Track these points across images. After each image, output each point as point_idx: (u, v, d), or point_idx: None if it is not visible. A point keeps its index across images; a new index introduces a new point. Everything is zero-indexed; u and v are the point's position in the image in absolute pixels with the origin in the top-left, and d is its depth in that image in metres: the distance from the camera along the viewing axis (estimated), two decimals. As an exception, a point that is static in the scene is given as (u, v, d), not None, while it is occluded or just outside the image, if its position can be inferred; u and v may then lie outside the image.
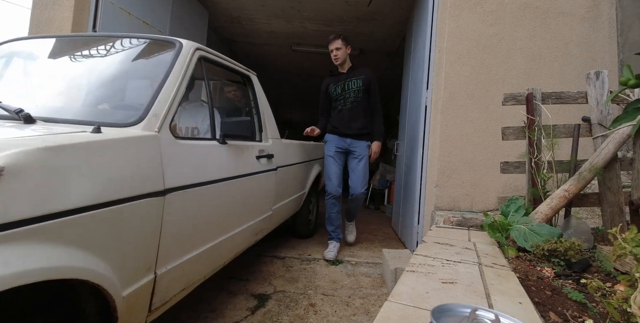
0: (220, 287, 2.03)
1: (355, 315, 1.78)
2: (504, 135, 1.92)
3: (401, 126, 3.73)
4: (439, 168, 2.41)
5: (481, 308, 0.59)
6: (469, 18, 2.45)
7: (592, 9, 2.45)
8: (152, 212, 1.04)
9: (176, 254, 1.20)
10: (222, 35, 5.49)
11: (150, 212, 1.03)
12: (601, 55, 2.42)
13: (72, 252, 0.78)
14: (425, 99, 2.67)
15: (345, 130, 2.75)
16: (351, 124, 2.73)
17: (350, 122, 2.73)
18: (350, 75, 2.73)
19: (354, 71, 2.75)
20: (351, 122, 2.73)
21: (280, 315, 1.74)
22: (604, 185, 1.65)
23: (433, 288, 0.96)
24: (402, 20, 4.21)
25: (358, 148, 2.76)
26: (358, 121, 2.73)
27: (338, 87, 2.76)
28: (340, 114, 2.78)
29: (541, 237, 1.42)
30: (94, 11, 2.92)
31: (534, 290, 1.03)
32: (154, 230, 1.06)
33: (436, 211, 2.32)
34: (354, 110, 2.73)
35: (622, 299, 0.83)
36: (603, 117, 1.71)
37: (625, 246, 0.89)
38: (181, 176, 1.20)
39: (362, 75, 2.72)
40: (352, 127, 2.73)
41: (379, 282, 2.25)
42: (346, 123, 2.74)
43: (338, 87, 2.76)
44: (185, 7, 3.94)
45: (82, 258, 0.80)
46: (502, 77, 2.42)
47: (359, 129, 2.74)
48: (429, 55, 2.64)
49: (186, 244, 1.26)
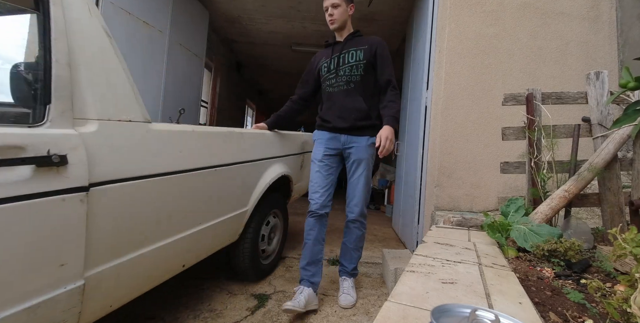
0: (220, 287, 2.03)
1: (355, 315, 1.78)
2: (504, 135, 1.92)
3: (401, 126, 3.73)
4: (439, 169, 2.41)
5: (481, 309, 0.59)
6: (469, 18, 2.45)
7: (592, 9, 2.45)
8: None
9: None
10: (222, 35, 5.49)
11: None
12: (601, 55, 2.43)
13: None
14: (425, 99, 2.67)
15: (337, 123, 1.88)
16: (346, 113, 1.87)
17: (344, 110, 1.87)
18: (348, 44, 1.91)
19: (355, 39, 1.93)
20: (346, 111, 1.87)
21: (280, 315, 1.74)
22: (603, 186, 1.65)
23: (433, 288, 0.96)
24: (402, 20, 4.21)
25: (355, 149, 1.88)
26: (356, 108, 1.86)
27: (331, 62, 1.91)
28: (331, 100, 1.93)
29: (541, 237, 1.42)
30: (94, 11, 2.91)
31: (533, 290, 1.03)
32: None
33: (436, 211, 2.32)
34: (350, 94, 1.87)
35: (622, 299, 0.83)
36: (603, 118, 1.71)
37: (625, 246, 0.89)
38: None
39: (364, 44, 1.88)
40: (346, 118, 1.86)
41: (379, 282, 2.25)
42: (339, 112, 1.88)
43: (331, 61, 1.91)
44: (185, 7, 3.94)
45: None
46: (502, 77, 2.42)
47: (357, 120, 1.86)
48: (429, 55, 2.64)
49: None
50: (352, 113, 1.86)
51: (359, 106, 1.86)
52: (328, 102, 1.94)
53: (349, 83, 1.88)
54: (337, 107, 1.89)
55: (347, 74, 1.87)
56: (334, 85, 1.91)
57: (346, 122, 1.87)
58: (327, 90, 1.94)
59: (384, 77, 1.88)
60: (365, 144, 1.88)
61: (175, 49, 3.83)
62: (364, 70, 1.86)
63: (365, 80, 1.87)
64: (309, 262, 1.84)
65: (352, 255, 1.98)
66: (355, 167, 1.89)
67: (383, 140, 1.73)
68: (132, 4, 3.21)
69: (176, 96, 3.92)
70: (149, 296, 1.84)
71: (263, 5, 4.26)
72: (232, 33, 5.34)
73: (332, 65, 1.91)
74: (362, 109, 1.86)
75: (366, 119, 1.87)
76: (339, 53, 1.91)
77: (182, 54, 3.98)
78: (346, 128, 1.88)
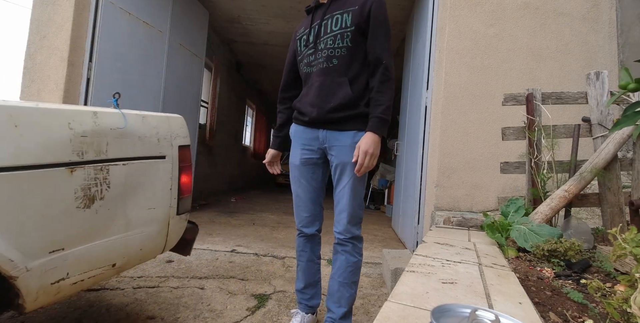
0: (220, 287, 2.03)
1: (355, 315, 1.78)
2: (504, 135, 1.92)
3: (401, 126, 3.73)
4: (439, 169, 2.41)
5: (481, 309, 0.59)
6: (469, 18, 2.45)
7: (592, 9, 2.45)
8: None
9: None
10: (222, 35, 5.50)
11: None
12: (601, 55, 2.43)
13: None
14: (425, 99, 2.67)
15: (312, 113, 1.38)
16: (323, 100, 1.35)
17: (321, 96, 1.36)
18: (333, 7, 1.40)
19: (342, 0, 1.39)
20: (323, 96, 1.35)
21: (280, 315, 1.74)
22: (604, 186, 1.65)
23: (433, 288, 0.96)
24: (402, 20, 4.21)
25: (337, 149, 1.37)
26: (337, 92, 1.34)
27: (311, 33, 1.41)
28: (307, 84, 1.44)
29: (541, 238, 1.42)
30: (94, 11, 2.92)
31: (534, 290, 1.03)
32: None
33: (436, 211, 2.32)
34: (331, 73, 1.36)
35: (622, 299, 0.83)
36: (603, 118, 1.71)
37: (625, 246, 0.89)
38: None
39: (354, 4, 1.36)
40: (323, 106, 1.35)
41: (379, 282, 2.25)
42: (314, 98, 1.37)
43: (311, 32, 1.42)
44: (185, 7, 3.94)
45: None
46: (502, 77, 2.42)
47: (338, 109, 1.34)
48: (429, 55, 2.65)
49: None
50: (332, 99, 1.34)
51: (342, 90, 1.33)
52: (305, 87, 1.46)
53: (331, 59, 1.36)
54: (314, 91, 1.38)
55: (330, 46, 1.36)
56: (313, 63, 1.40)
57: (323, 111, 1.36)
58: (305, 71, 1.45)
59: (375, 53, 1.34)
60: (351, 141, 1.34)
61: (175, 49, 3.83)
62: (352, 40, 1.34)
63: (353, 54, 1.36)
64: (305, 285, 1.56)
65: (343, 292, 1.41)
66: (338, 174, 1.38)
67: (361, 155, 1.24)
68: (132, 4, 3.21)
69: (176, 96, 3.92)
70: (149, 296, 1.84)
71: (263, 6, 4.26)
72: (232, 33, 5.34)
73: (311, 37, 1.41)
74: (346, 95, 1.33)
75: (351, 107, 1.34)
76: (320, 20, 1.41)
77: (182, 54, 3.98)
78: (323, 120, 1.37)
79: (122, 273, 2.12)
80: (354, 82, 1.36)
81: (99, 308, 1.70)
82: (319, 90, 1.37)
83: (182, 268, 2.25)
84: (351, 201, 1.37)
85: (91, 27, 2.91)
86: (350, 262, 1.42)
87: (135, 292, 1.89)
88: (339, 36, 1.35)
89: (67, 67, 2.81)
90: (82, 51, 2.90)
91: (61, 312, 1.64)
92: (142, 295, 1.86)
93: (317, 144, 1.44)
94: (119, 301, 1.78)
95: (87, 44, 2.90)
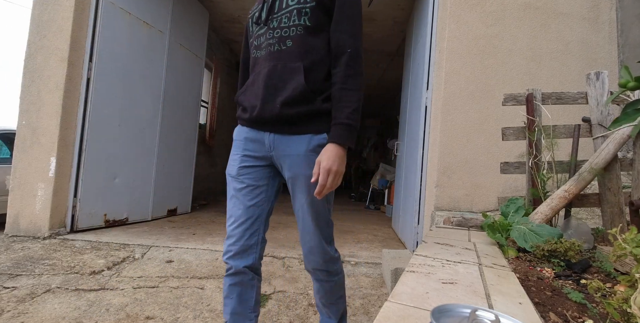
0: (220, 287, 2.03)
1: (355, 315, 1.78)
2: (504, 135, 1.92)
3: (401, 126, 3.73)
4: (439, 169, 2.41)
5: (481, 309, 0.59)
6: (469, 18, 2.45)
7: (592, 9, 2.45)
8: None
9: None
10: (222, 35, 5.50)
11: None
12: (601, 55, 2.43)
13: None
14: (425, 99, 2.67)
15: (257, 109, 1.09)
16: (270, 92, 1.07)
17: (268, 86, 1.07)
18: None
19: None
20: (273, 88, 1.07)
21: (280, 315, 1.74)
22: (604, 186, 1.65)
23: (433, 288, 0.96)
24: (402, 21, 4.21)
25: (288, 159, 1.09)
26: (290, 80, 1.05)
27: (263, 10, 1.13)
28: (254, 71, 1.15)
29: (541, 238, 1.42)
30: (95, 11, 2.93)
31: (534, 290, 1.03)
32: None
33: (436, 211, 2.32)
34: (282, 58, 1.07)
35: (622, 300, 0.83)
36: (603, 118, 1.71)
37: (625, 247, 0.89)
38: None
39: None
40: (270, 99, 1.07)
41: (379, 282, 2.25)
42: (262, 89, 1.08)
43: (263, 7, 1.13)
44: (185, 7, 3.95)
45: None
46: (502, 77, 2.42)
47: (288, 104, 1.05)
48: (429, 55, 2.65)
49: None
50: (281, 91, 1.05)
51: (294, 79, 1.04)
52: (251, 75, 1.16)
53: (284, 40, 1.07)
54: (260, 81, 1.09)
55: (284, 25, 1.08)
56: (262, 45, 1.12)
57: (269, 107, 1.06)
58: (253, 56, 1.16)
59: (339, 38, 1.06)
60: (306, 148, 1.06)
61: (175, 49, 3.83)
62: (312, 19, 1.06)
63: (313, 36, 1.08)
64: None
65: (329, 308, 1.28)
66: (292, 189, 1.11)
67: (322, 174, 0.97)
68: (132, 4, 3.21)
69: (176, 96, 3.92)
70: (149, 296, 1.84)
71: (263, 5, 4.27)
72: (233, 33, 5.35)
73: (263, 13, 1.13)
74: (298, 85, 1.04)
75: (304, 101, 1.05)
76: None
77: (182, 54, 3.98)
78: (270, 118, 1.07)
79: (122, 273, 2.12)
80: (311, 71, 1.06)
81: (99, 308, 1.70)
82: (266, 79, 1.07)
83: (182, 268, 2.25)
84: (314, 220, 1.11)
85: (91, 27, 2.91)
86: (327, 287, 1.23)
87: (135, 292, 1.89)
88: (295, 12, 1.07)
89: (67, 67, 2.81)
90: (82, 51, 2.90)
91: (61, 312, 1.64)
92: (142, 295, 1.86)
93: (262, 151, 1.12)
94: (119, 301, 1.78)
95: (87, 44, 2.90)
